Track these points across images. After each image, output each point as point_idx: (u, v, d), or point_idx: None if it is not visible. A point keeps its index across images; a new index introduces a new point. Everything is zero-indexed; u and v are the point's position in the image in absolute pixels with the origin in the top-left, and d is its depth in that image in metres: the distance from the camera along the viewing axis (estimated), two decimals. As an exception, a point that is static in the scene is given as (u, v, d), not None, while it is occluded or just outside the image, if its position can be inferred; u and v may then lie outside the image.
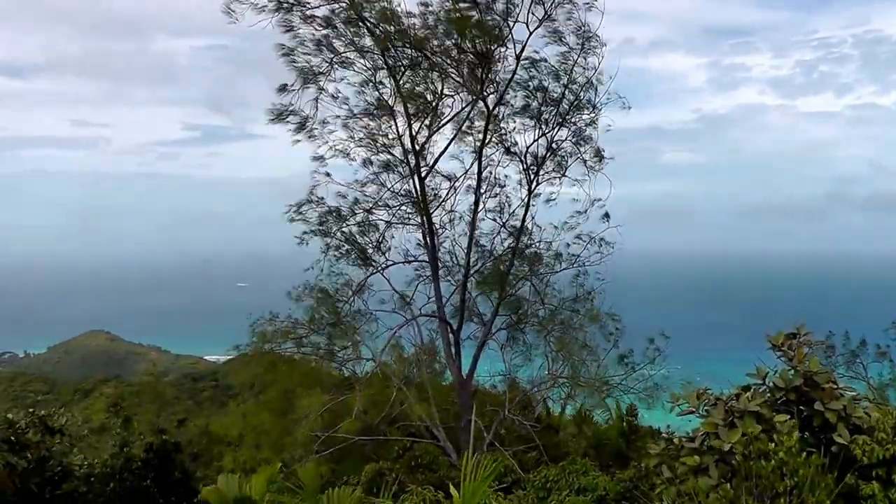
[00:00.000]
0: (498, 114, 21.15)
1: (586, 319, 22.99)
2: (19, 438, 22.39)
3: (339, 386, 22.33)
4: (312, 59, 20.21)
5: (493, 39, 19.45)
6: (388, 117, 21.19)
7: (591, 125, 21.61)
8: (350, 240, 21.81)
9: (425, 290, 23.22)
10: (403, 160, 21.55)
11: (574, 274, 23.23)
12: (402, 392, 21.85)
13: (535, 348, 23.79)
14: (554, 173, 22.16)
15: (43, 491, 22.24)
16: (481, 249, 22.80)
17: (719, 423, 11.12)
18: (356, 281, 21.95)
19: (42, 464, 22.56)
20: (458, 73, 20.22)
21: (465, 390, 21.80)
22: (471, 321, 22.87)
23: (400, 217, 22.17)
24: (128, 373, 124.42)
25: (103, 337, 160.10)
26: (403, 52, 20.09)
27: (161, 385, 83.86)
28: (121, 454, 21.81)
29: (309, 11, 19.52)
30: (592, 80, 20.85)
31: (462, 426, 21.66)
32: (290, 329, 21.28)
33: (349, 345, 21.93)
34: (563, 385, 23.96)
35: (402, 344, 22.94)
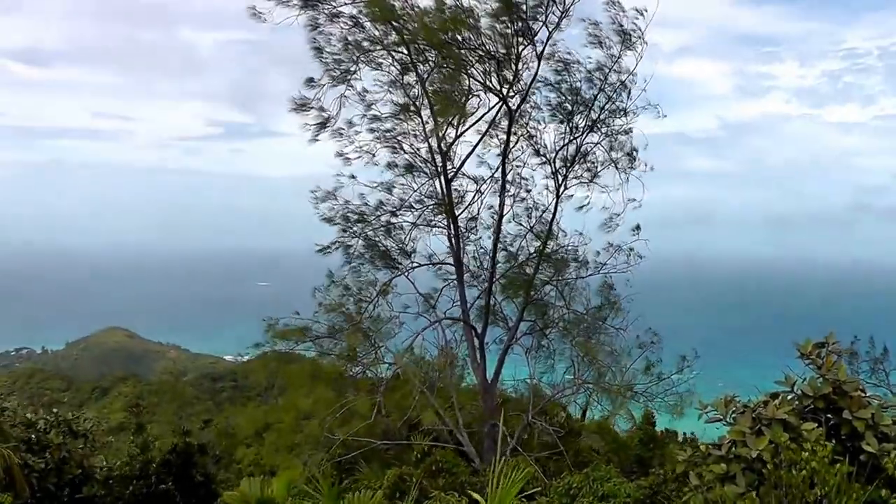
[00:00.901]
0: (525, 115, 21.13)
1: (613, 327, 22.91)
2: (40, 439, 22.61)
3: (360, 389, 22.41)
4: (340, 58, 20.30)
5: (522, 34, 19.42)
6: (414, 118, 21.21)
7: (626, 133, 21.64)
8: (374, 242, 21.88)
9: (449, 294, 23.27)
10: (429, 162, 21.57)
11: (601, 281, 23.17)
12: (424, 396, 21.89)
13: (559, 353, 23.72)
14: (583, 177, 22.13)
15: (61, 492, 22.47)
16: (507, 253, 22.79)
17: (746, 431, 11.16)
18: (380, 283, 21.96)
19: (61, 465, 22.79)
20: (483, 73, 20.18)
21: (489, 395, 21.87)
22: (496, 325, 22.87)
23: (425, 219, 22.18)
24: (146, 371, 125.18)
25: (122, 334, 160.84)
26: (429, 51, 20.12)
27: (181, 385, 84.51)
28: (141, 456, 22.03)
29: (336, 9, 19.59)
30: (626, 84, 20.89)
31: (486, 431, 21.71)
32: (309, 329, 21.34)
33: (371, 348, 21.97)
34: (588, 391, 23.85)
35: (426, 347, 22.88)
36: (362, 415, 20.50)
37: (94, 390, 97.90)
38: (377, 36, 20.34)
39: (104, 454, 24.23)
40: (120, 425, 46.88)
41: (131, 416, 26.51)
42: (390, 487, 17.88)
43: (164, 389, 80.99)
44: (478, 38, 19.44)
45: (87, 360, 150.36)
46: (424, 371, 22.16)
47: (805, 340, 12.30)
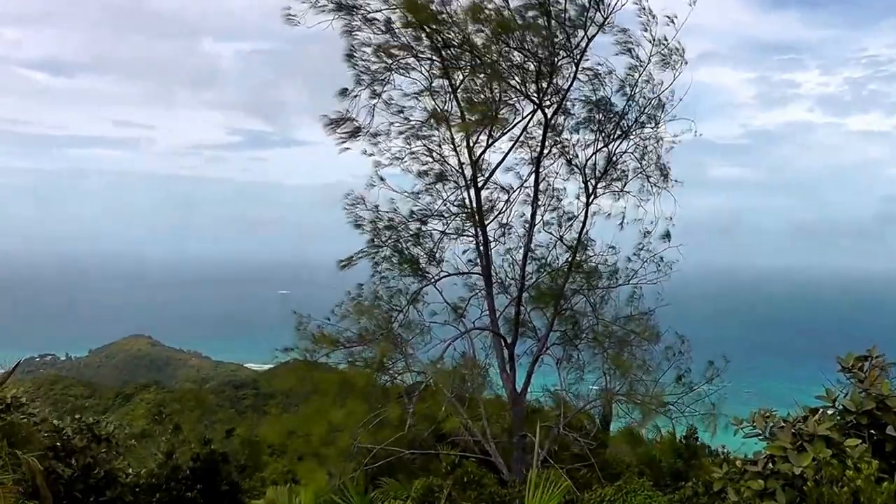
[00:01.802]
0: (558, 124, 21.05)
1: (644, 338, 22.74)
2: (65, 445, 22.72)
3: (387, 397, 22.32)
4: (371, 65, 20.32)
5: (553, 45, 19.38)
6: (444, 126, 21.18)
7: (656, 141, 21.56)
8: (403, 250, 21.84)
9: (477, 304, 23.18)
10: (459, 170, 21.54)
11: (631, 292, 23.05)
12: (452, 406, 21.77)
13: (589, 364, 23.59)
14: (614, 187, 22.05)
15: (87, 498, 22.56)
16: (537, 263, 22.71)
17: (787, 447, 10.98)
18: (409, 290, 21.92)
19: (87, 471, 22.89)
20: (518, 80, 20.12)
21: (518, 406, 21.76)
22: (525, 336, 22.78)
23: (454, 228, 22.14)
24: (168, 378, 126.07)
25: (144, 342, 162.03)
26: (462, 58, 20.09)
27: (203, 393, 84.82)
28: (167, 463, 22.11)
29: (370, 15, 19.62)
30: (658, 94, 20.82)
31: (515, 442, 21.60)
32: (339, 338, 21.30)
33: (400, 356, 21.91)
34: (620, 403, 23.66)
35: (454, 357, 22.77)
36: (393, 424, 20.36)
37: (117, 397, 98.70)
38: (409, 42, 20.25)
39: (128, 458, 24.34)
40: (142, 432, 47.17)
41: (156, 423, 26.59)
42: (419, 498, 17.81)
43: (186, 397, 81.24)
44: (518, 44, 19.33)
45: (109, 367, 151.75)
46: (454, 381, 21.99)
47: (847, 354, 12.14)
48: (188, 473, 21.88)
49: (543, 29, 19.21)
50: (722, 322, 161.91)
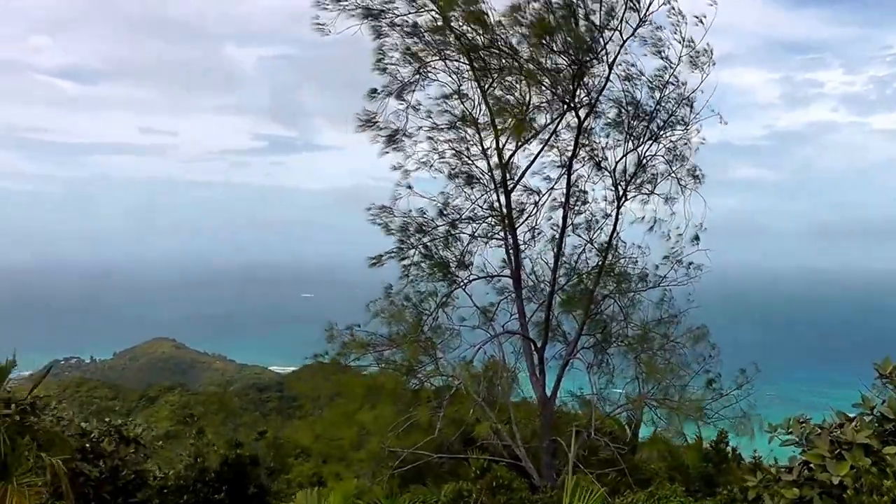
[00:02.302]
0: (588, 127, 20.94)
1: (674, 342, 22.57)
2: (93, 447, 22.80)
3: (414, 401, 22.27)
4: (399, 69, 20.31)
5: (587, 48, 19.29)
6: (473, 129, 21.11)
7: (685, 144, 21.44)
8: (432, 254, 21.78)
9: (506, 307, 23.11)
10: (488, 173, 21.46)
11: (660, 295, 22.90)
12: (480, 410, 21.69)
13: (619, 368, 23.42)
14: (644, 190, 21.91)
15: (115, 500, 22.64)
16: (566, 266, 22.58)
17: (826, 455, 10.83)
18: (438, 294, 21.87)
19: (115, 473, 22.97)
20: (548, 82, 20.03)
21: (548, 410, 21.63)
22: (555, 340, 22.65)
23: (483, 232, 22.05)
24: (193, 381, 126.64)
25: (169, 344, 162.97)
26: (491, 60, 20.02)
27: (228, 395, 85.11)
28: (195, 465, 22.14)
29: (398, 19, 19.58)
30: (687, 95, 20.71)
31: (544, 447, 21.47)
32: (369, 342, 21.27)
33: (429, 360, 21.85)
34: (651, 408, 23.42)
35: (483, 360, 22.69)
36: (422, 428, 20.29)
37: (142, 399, 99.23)
38: (438, 45, 20.20)
39: (156, 460, 24.42)
40: (167, 433, 47.35)
41: (184, 426, 26.68)
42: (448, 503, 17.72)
43: (210, 400, 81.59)
44: (552, 46, 19.27)
45: (134, 369, 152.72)
46: (484, 385, 21.92)
47: (884, 360, 11.97)
48: (214, 476, 21.88)
49: (574, 31, 19.12)
50: (742, 324, 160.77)
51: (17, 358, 20.02)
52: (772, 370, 26.44)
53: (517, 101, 20.85)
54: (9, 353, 19.59)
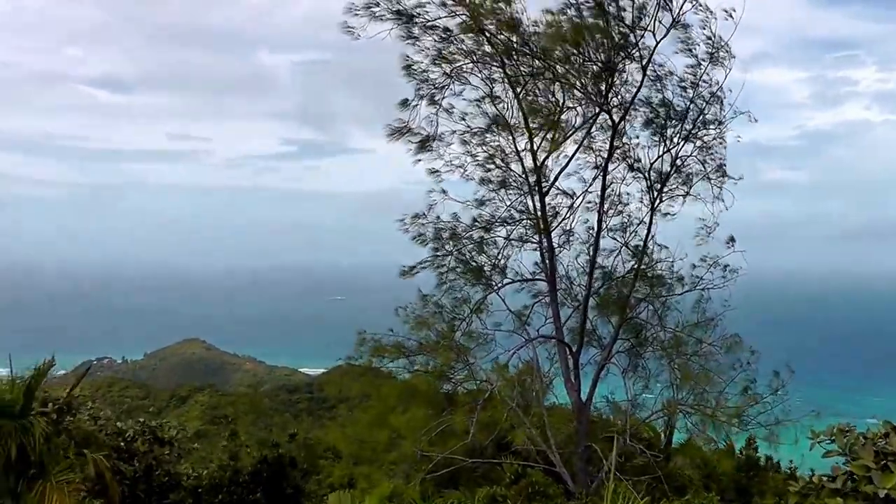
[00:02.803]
0: (622, 128, 20.75)
1: (710, 346, 22.27)
2: (128, 447, 22.93)
3: (447, 406, 22.14)
4: (430, 74, 20.24)
5: (619, 49, 19.14)
6: (506, 132, 20.98)
7: (718, 140, 21.19)
8: (466, 258, 21.66)
9: (541, 312, 22.94)
10: (522, 176, 21.32)
11: (697, 298, 22.60)
12: (514, 414, 21.51)
13: (655, 374, 23.13)
14: (678, 191, 21.69)
15: (150, 499, 22.75)
16: (601, 270, 22.37)
17: (871, 466, 10.56)
18: (472, 299, 21.72)
19: (149, 472, 23.09)
20: (581, 84, 19.89)
21: (583, 416, 21.43)
22: (589, 345, 22.43)
23: (518, 235, 21.92)
24: (223, 382, 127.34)
25: (199, 346, 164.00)
26: (524, 63, 19.91)
27: (259, 396, 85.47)
28: (229, 466, 22.17)
29: (429, 23, 19.51)
30: (718, 94, 20.51)
31: (579, 453, 21.27)
32: (403, 346, 21.18)
33: (462, 365, 21.71)
34: (686, 414, 23.11)
35: (518, 365, 22.50)
36: (457, 434, 20.16)
37: (172, 399, 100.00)
38: (470, 48, 20.12)
39: (189, 461, 24.51)
40: (197, 433, 47.56)
41: (215, 426, 26.72)
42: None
43: (240, 400, 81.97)
44: (583, 49, 19.14)
45: (164, 369, 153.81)
46: (518, 390, 21.75)
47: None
48: (249, 477, 21.90)
49: (607, 33, 19.01)
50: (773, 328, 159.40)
51: (32, 359, 20.16)
52: (804, 376, 26.07)
53: (550, 103, 20.72)
54: (43, 353, 19.75)
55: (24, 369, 19.27)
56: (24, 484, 17.01)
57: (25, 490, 16.90)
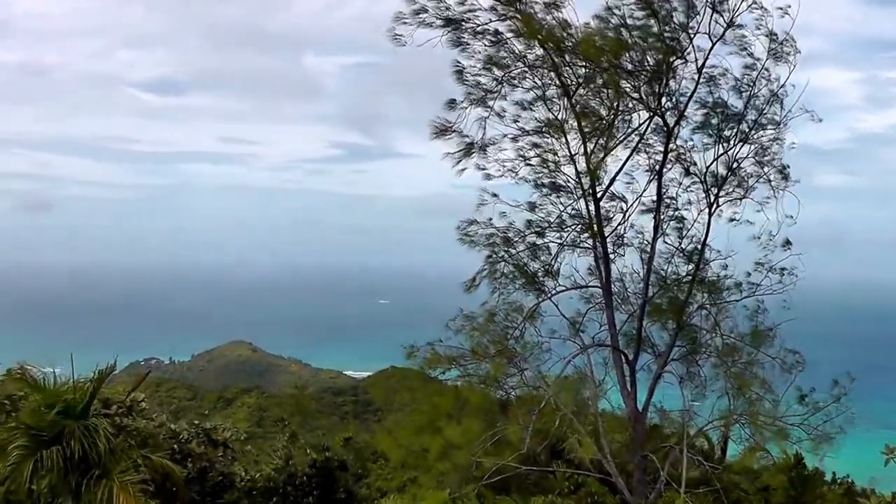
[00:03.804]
0: (676, 131, 20.56)
1: (768, 355, 21.92)
2: (182, 448, 23.17)
3: (502, 414, 22.00)
4: (481, 78, 20.19)
5: (672, 52, 18.96)
6: (559, 136, 20.86)
7: (777, 141, 20.91)
8: (519, 264, 21.53)
9: (593, 318, 22.71)
10: (576, 181, 21.15)
11: (753, 305, 22.23)
12: (568, 423, 21.30)
13: (710, 382, 22.78)
14: (735, 194, 21.40)
15: (203, 500, 22.95)
16: (656, 275, 22.13)
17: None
18: (526, 306, 21.58)
19: (203, 474, 23.32)
20: (633, 87, 19.73)
21: (639, 424, 21.18)
22: (644, 352, 22.17)
23: (571, 241, 21.73)
24: (269, 384, 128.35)
25: (245, 348, 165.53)
26: (577, 66, 19.79)
27: (305, 399, 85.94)
28: (284, 469, 22.28)
29: (479, 28, 19.48)
30: (778, 94, 20.21)
31: (636, 462, 21.04)
32: (456, 356, 21.10)
33: (516, 372, 21.58)
34: (742, 424, 22.73)
35: (573, 372, 22.28)
36: (510, 441, 20.02)
37: (219, 400, 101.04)
38: (520, 53, 20.04)
39: (242, 463, 24.69)
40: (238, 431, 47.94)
41: (266, 427, 26.76)
42: (539, 517, 17.50)
43: (287, 402, 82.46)
44: (637, 53, 19.02)
45: (211, 371, 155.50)
46: (574, 398, 21.56)
47: None
48: (305, 480, 22.00)
49: (658, 36, 18.87)
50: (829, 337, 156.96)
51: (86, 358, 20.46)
52: (861, 387, 25.53)
53: (603, 107, 20.58)
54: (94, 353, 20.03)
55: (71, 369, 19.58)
56: (87, 483, 17.27)
57: (90, 489, 17.14)
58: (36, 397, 19.65)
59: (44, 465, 17.66)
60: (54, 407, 18.72)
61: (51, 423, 18.38)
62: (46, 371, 20.91)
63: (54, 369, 20.55)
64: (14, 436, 18.37)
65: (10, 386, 22.16)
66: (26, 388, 20.81)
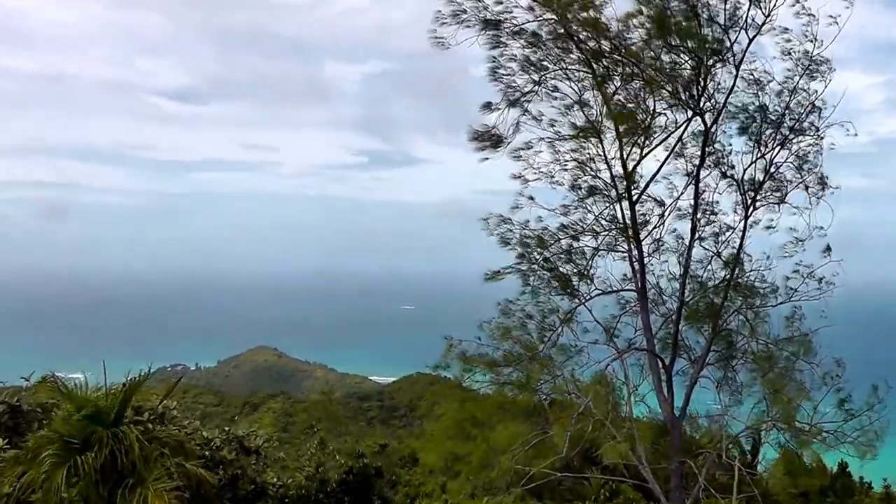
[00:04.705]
0: (714, 133, 20.31)
1: (805, 361, 21.59)
2: (213, 456, 23.06)
3: (538, 417, 21.78)
4: (516, 79, 20.07)
5: (713, 53, 18.72)
6: (595, 139, 20.65)
7: (816, 146, 20.61)
8: (553, 268, 21.31)
9: (626, 321, 22.46)
10: (611, 184, 20.92)
11: (791, 311, 21.92)
12: (603, 427, 21.04)
13: (746, 387, 22.49)
14: (771, 199, 21.10)
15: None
16: (693, 280, 21.83)
17: None
18: (557, 310, 21.37)
19: (235, 481, 23.19)
20: (672, 88, 19.49)
21: (676, 430, 20.90)
22: (679, 356, 21.89)
23: (606, 244, 21.49)
24: (294, 389, 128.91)
25: (270, 353, 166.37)
26: (614, 68, 19.58)
27: (333, 404, 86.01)
28: (316, 476, 22.12)
29: (516, 28, 19.34)
30: (817, 104, 19.95)
31: (673, 469, 20.76)
32: (492, 361, 20.92)
33: (550, 377, 21.33)
34: (780, 430, 22.40)
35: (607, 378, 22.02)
36: (553, 449, 19.80)
37: (245, 405, 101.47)
38: (558, 55, 19.87)
39: (275, 470, 24.56)
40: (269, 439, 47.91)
41: (292, 432, 26.63)
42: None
43: (314, 408, 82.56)
44: (674, 49, 18.81)
45: (236, 376, 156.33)
46: (610, 402, 21.31)
47: None
48: (336, 487, 21.84)
49: (698, 33, 18.64)
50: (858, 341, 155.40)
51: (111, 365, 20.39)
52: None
53: (640, 109, 20.35)
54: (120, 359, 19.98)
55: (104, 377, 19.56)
56: (121, 492, 17.17)
57: (124, 498, 17.04)
58: (67, 405, 19.58)
59: (76, 473, 17.60)
60: (85, 414, 18.67)
61: (82, 431, 18.28)
62: (76, 378, 20.89)
63: (84, 374, 20.49)
64: (46, 444, 18.31)
65: (42, 394, 22.16)
66: (58, 397, 20.78)
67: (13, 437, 20.85)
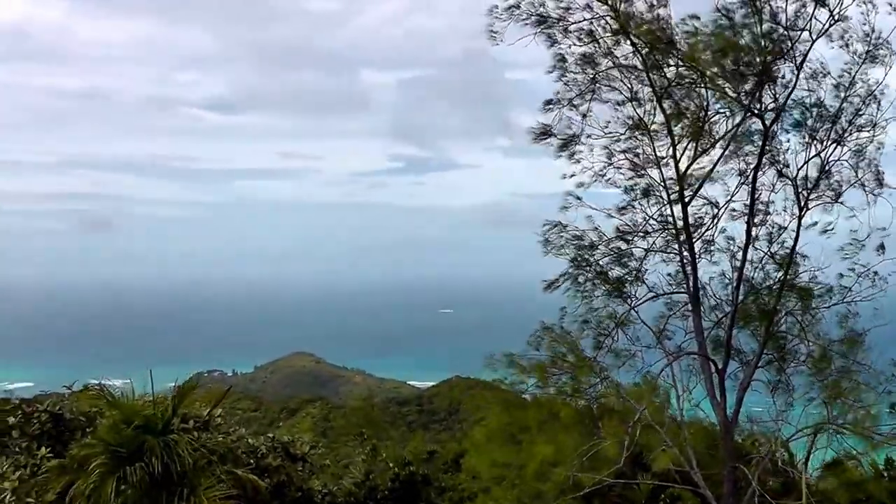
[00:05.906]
0: (773, 132, 19.97)
1: (860, 363, 21.21)
2: (259, 463, 23.10)
3: (584, 423, 21.57)
4: (575, 76, 19.93)
5: (775, 53, 18.44)
6: (648, 138, 20.43)
7: (874, 143, 20.17)
8: (604, 271, 21.14)
9: (675, 324, 22.20)
10: (663, 184, 20.70)
11: (844, 311, 21.52)
12: (653, 432, 20.80)
13: (799, 390, 22.13)
14: (826, 198, 20.70)
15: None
16: (747, 282, 21.52)
17: None
18: (617, 312, 21.19)
19: (281, 488, 23.20)
20: (731, 89, 19.22)
21: (729, 434, 20.60)
22: (731, 359, 21.59)
23: (658, 246, 21.26)
24: (332, 394, 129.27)
25: (308, 359, 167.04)
26: (670, 68, 19.36)
27: (374, 410, 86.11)
28: (365, 483, 22.07)
29: (573, 26, 19.20)
30: (876, 95, 19.53)
31: (726, 474, 20.46)
32: (540, 366, 20.77)
33: (599, 383, 21.15)
34: (837, 434, 21.99)
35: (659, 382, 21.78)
36: (609, 457, 19.58)
37: (283, 411, 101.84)
38: (613, 52, 19.72)
39: (321, 478, 24.55)
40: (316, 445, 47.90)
41: (358, 443, 26.63)
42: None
43: (353, 413, 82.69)
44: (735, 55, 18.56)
45: (274, 382, 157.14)
46: (663, 408, 21.13)
47: None
48: (386, 494, 21.79)
49: (763, 36, 18.35)
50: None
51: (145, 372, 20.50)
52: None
53: (696, 109, 20.09)
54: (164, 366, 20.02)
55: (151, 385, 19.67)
56: (175, 501, 17.24)
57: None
58: (113, 413, 19.69)
59: (126, 482, 17.67)
60: (133, 423, 18.77)
61: (130, 440, 18.36)
62: (122, 386, 21.04)
63: (131, 382, 20.62)
64: (93, 452, 18.40)
65: (86, 402, 22.32)
66: (103, 405, 20.91)
67: (56, 445, 20.99)
